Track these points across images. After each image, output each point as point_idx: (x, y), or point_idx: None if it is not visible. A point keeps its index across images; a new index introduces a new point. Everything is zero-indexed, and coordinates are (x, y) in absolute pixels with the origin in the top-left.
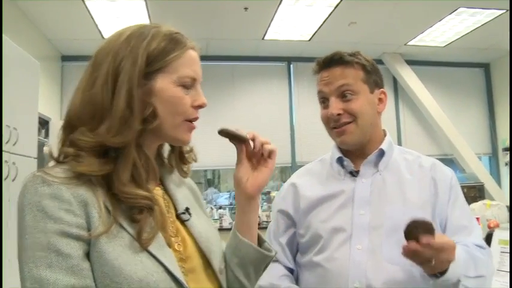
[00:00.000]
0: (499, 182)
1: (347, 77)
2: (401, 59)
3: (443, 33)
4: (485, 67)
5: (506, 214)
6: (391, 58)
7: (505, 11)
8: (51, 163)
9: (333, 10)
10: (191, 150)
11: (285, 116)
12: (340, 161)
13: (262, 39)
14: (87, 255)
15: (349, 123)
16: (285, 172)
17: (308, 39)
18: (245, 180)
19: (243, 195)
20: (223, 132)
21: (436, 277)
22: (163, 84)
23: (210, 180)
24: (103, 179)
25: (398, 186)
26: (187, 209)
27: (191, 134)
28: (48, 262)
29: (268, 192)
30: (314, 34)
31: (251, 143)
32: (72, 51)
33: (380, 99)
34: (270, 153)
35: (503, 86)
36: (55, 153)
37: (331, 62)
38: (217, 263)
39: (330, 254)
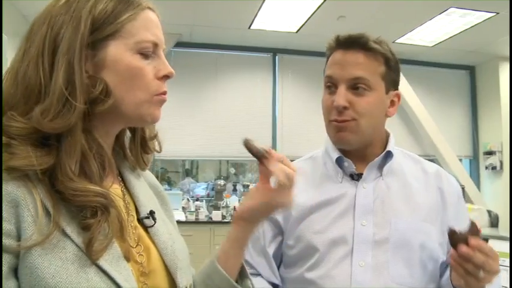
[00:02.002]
0: (478, 185)
1: (367, 68)
2: None
3: (432, 33)
4: (471, 70)
5: (487, 219)
6: None
7: (495, 13)
8: None
9: (322, 3)
10: (155, 137)
11: (267, 109)
12: (338, 161)
13: (248, 28)
14: (15, 271)
15: (351, 120)
16: None
17: (295, 30)
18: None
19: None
20: (246, 145)
21: None
22: (117, 52)
23: (188, 170)
24: (44, 174)
25: (404, 194)
26: (151, 213)
27: (160, 108)
28: None
29: (247, 186)
30: (302, 26)
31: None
32: None
33: (392, 102)
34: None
35: (487, 90)
36: None
37: (353, 43)
38: (183, 282)
39: (327, 270)
